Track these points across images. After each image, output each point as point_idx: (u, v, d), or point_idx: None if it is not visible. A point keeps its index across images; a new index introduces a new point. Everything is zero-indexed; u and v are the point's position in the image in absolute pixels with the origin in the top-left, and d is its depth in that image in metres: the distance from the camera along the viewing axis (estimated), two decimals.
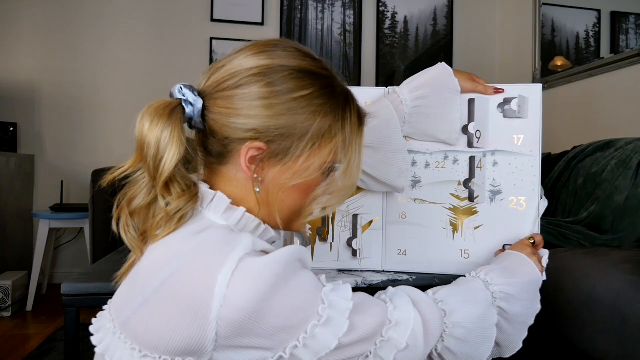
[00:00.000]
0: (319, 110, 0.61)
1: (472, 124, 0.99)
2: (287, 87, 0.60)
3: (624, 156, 1.73)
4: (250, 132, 0.60)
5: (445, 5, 3.32)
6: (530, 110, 0.97)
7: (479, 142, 0.99)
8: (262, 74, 0.60)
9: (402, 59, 3.27)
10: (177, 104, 0.60)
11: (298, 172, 0.62)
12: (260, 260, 0.54)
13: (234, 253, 0.54)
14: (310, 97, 0.61)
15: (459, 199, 1.01)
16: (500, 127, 0.99)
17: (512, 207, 0.98)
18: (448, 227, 1.02)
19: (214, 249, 0.55)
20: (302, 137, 0.60)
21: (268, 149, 0.60)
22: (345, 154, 0.63)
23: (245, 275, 0.53)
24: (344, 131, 0.63)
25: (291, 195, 0.64)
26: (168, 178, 0.58)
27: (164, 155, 0.57)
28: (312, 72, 0.63)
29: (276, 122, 0.59)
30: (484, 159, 1.00)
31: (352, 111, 0.65)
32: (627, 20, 2.39)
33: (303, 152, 0.61)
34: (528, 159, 0.98)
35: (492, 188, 1.00)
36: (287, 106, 0.60)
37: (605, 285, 1.24)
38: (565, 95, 2.63)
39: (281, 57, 0.62)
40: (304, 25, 3.18)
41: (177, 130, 0.58)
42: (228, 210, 0.62)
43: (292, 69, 0.61)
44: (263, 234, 0.66)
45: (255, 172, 0.61)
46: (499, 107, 0.99)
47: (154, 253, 0.58)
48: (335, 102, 0.63)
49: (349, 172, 0.64)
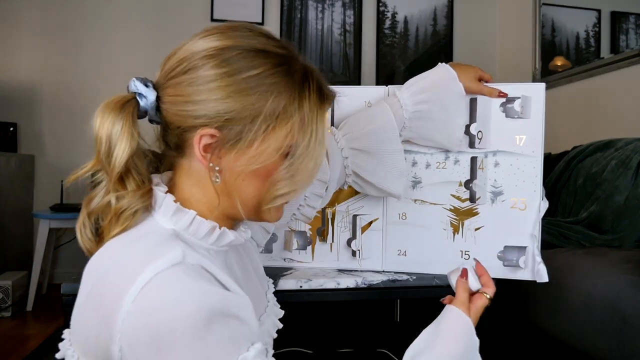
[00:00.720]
0: (270, 89, 0.57)
1: (474, 124, 0.99)
2: (235, 67, 0.57)
3: (624, 156, 1.73)
4: (200, 118, 0.56)
5: (445, 5, 3.31)
6: (533, 110, 0.97)
7: (480, 142, 0.99)
8: (208, 57, 0.57)
9: (402, 59, 3.27)
10: (130, 98, 0.59)
11: (253, 157, 0.57)
12: (178, 285, 0.49)
13: (152, 265, 0.50)
14: (260, 76, 0.57)
15: (459, 199, 1.01)
16: (502, 128, 0.98)
17: (513, 208, 0.98)
18: (448, 228, 1.01)
19: (137, 257, 0.52)
20: (254, 120, 0.56)
21: (221, 134, 0.57)
22: (304, 135, 0.59)
23: (155, 292, 0.49)
24: (302, 111, 0.58)
25: (251, 182, 0.59)
26: (122, 173, 0.57)
27: (114, 149, 0.56)
28: (263, 50, 0.58)
29: (226, 106, 0.56)
30: (485, 160, 0.99)
31: (311, 89, 0.60)
32: (627, 20, 2.39)
33: (257, 135, 0.57)
34: (530, 159, 0.97)
35: (493, 189, 0.99)
36: (235, 87, 0.56)
37: (605, 285, 1.24)
38: (565, 95, 2.63)
39: (231, 38, 0.58)
40: (304, 25, 3.17)
41: (127, 124, 0.56)
42: (177, 213, 0.58)
43: (242, 48, 0.58)
44: (219, 240, 0.61)
45: (211, 161, 0.58)
46: (502, 106, 0.98)
47: (94, 256, 0.56)
48: (290, 81, 0.58)
49: (308, 155, 0.59)
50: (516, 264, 0.98)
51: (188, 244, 0.57)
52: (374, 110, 0.96)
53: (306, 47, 3.16)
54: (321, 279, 0.99)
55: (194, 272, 0.52)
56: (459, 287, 0.72)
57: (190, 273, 0.51)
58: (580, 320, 1.28)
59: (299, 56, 0.62)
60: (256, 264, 0.77)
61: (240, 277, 0.66)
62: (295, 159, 0.59)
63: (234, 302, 0.53)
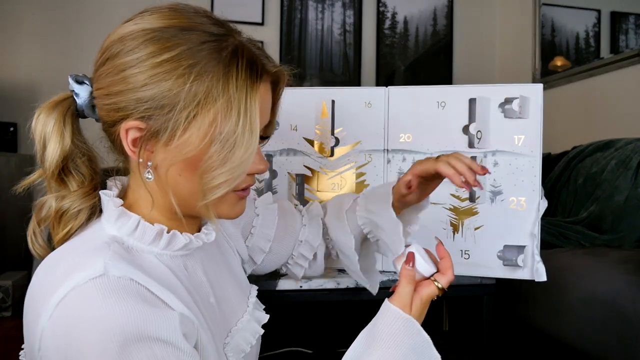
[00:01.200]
0: (188, 72, 0.51)
1: (473, 124, 0.99)
2: (148, 51, 0.51)
3: (624, 156, 1.73)
4: (121, 111, 0.52)
5: (445, 6, 3.31)
6: (531, 111, 0.97)
7: (479, 142, 0.99)
8: (122, 43, 0.52)
9: (402, 59, 3.27)
10: (65, 97, 0.56)
11: (178, 148, 0.52)
12: (92, 302, 0.46)
13: (71, 279, 0.47)
14: (176, 58, 0.51)
15: (459, 199, 1.01)
16: (501, 128, 0.99)
17: (512, 207, 0.99)
18: (448, 228, 1.02)
19: (63, 268, 0.49)
20: (173, 108, 0.51)
21: (147, 126, 0.52)
22: (230, 119, 0.52)
23: (70, 310, 0.46)
24: (227, 93, 0.51)
25: (184, 175, 0.54)
26: (60, 173, 0.55)
27: (47, 149, 0.54)
28: (182, 28, 0.52)
29: (142, 94, 0.51)
30: (484, 160, 1.00)
31: (239, 67, 0.52)
32: (627, 20, 2.39)
33: (178, 124, 0.51)
34: (528, 159, 0.98)
35: (492, 188, 1.00)
36: (149, 73, 0.51)
37: (605, 285, 1.24)
38: (565, 95, 2.63)
39: (146, 21, 0.53)
40: (304, 25, 3.18)
41: (57, 123, 0.54)
42: (121, 217, 0.54)
43: (156, 30, 0.52)
44: (171, 244, 0.57)
45: (141, 157, 0.53)
46: (500, 107, 0.99)
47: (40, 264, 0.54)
48: (214, 60, 0.52)
49: (237, 140, 0.52)
50: (515, 263, 0.98)
51: (133, 251, 0.54)
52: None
53: (306, 47, 3.16)
54: (321, 279, 0.99)
55: (117, 286, 0.47)
56: (402, 277, 0.61)
57: (111, 288, 0.47)
58: (580, 320, 1.28)
59: (237, 34, 0.56)
60: (233, 267, 0.74)
61: (204, 283, 0.62)
62: (223, 146, 0.52)
63: (160, 322, 0.48)
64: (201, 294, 0.60)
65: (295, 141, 1.07)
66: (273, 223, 0.81)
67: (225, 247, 0.75)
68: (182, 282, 0.57)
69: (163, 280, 0.53)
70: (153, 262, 0.55)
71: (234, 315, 0.68)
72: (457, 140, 1.01)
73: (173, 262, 0.58)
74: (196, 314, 0.55)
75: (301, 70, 3.15)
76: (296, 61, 3.15)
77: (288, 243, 0.83)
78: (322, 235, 0.86)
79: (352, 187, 1.06)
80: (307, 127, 1.06)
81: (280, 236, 0.82)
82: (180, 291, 0.55)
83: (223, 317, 0.65)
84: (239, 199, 0.60)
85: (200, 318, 0.56)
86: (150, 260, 0.55)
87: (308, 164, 1.07)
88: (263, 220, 0.81)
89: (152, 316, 0.47)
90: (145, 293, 0.49)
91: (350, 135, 1.06)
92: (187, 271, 0.59)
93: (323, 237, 0.86)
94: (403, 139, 1.03)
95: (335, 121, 1.05)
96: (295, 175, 1.07)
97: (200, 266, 0.63)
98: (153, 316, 0.47)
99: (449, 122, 1.01)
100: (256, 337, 0.70)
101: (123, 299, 0.47)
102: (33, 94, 2.95)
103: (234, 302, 0.69)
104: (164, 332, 0.47)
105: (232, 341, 0.64)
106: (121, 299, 0.46)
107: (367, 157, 1.05)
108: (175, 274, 0.56)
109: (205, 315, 0.58)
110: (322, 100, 1.06)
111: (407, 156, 1.03)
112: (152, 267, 0.54)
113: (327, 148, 1.06)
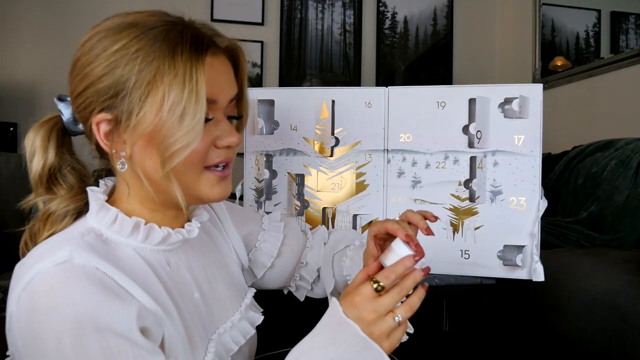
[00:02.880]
0: (135, 56, 0.55)
1: (472, 124, 0.99)
2: (102, 45, 0.56)
3: (624, 156, 1.73)
4: (88, 107, 0.57)
5: (445, 5, 3.31)
6: (531, 111, 0.97)
7: (479, 142, 1.00)
8: (82, 47, 0.58)
9: (402, 59, 3.27)
10: (53, 117, 0.63)
11: (137, 126, 0.55)
12: (55, 287, 0.48)
13: (38, 264, 0.50)
14: (125, 47, 0.55)
15: (459, 199, 1.01)
16: (501, 128, 0.99)
17: (512, 207, 0.99)
18: (448, 228, 1.02)
19: (35, 255, 0.52)
20: (128, 92, 0.55)
21: (113, 116, 0.56)
22: (178, 88, 0.54)
23: (33, 294, 0.48)
24: (175, 68, 0.54)
25: (147, 152, 0.56)
26: (45, 181, 0.61)
27: (32, 162, 0.61)
28: (131, 23, 0.57)
29: (101, 86, 0.55)
30: (484, 159, 1.00)
31: (184, 42, 0.56)
32: (627, 20, 2.39)
33: (134, 104, 0.54)
34: (528, 159, 0.98)
35: (492, 188, 1.00)
36: (104, 64, 0.55)
37: (605, 285, 1.24)
38: (565, 95, 2.63)
39: (101, 25, 0.59)
40: (304, 25, 3.18)
41: (42, 140, 0.61)
42: (101, 210, 0.58)
43: (109, 28, 0.57)
44: (150, 238, 0.59)
45: (113, 148, 0.57)
46: (500, 107, 0.99)
47: None
48: (160, 41, 0.56)
49: (187, 106, 0.54)
50: (515, 263, 0.98)
51: (112, 244, 0.57)
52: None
53: (306, 47, 3.17)
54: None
55: (79, 272, 0.49)
56: (359, 274, 0.61)
57: (73, 274, 0.49)
58: (580, 320, 1.28)
59: (189, 22, 0.61)
60: (230, 267, 0.75)
61: (187, 279, 0.63)
62: (173, 115, 0.54)
63: (116, 312, 0.49)
64: (182, 290, 0.61)
65: (295, 141, 1.07)
66: (278, 240, 0.83)
67: (223, 247, 0.76)
68: (160, 276, 0.58)
69: (134, 272, 0.55)
70: (129, 254, 0.57)
71: (223, 313, 0.68)
72: (457, 140, 1.01)
73: (153, 256, 0.59)
74: (168, 308, 0.56)
75: (301, 70, 3.15)
76: (296, 61, 3.16)
77: (290, 262, 0.85)
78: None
79: (352, 187, 1.06)
80: (307, 127, 1.06)
81: (284, 254, 0.84)
82: (152, 284, 0.56)
83: (210, 314, 0.65)
84: (217, 179, 0.60)
85: (172, 312, 0.57)
86: (127, 252, 0.57)
87: (308, 164, 1.07)
88: (268, 236, 0.83)
89: (109, 306, 0.49)
90: (108, 282, 0.50)
91: (350, 135, 1.06)
92: (169, 266, 0.61)
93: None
94: (403, 139, 1.03)
95: (335, 121, 1.05)
96: (295, 175, 1.07)
97: (185, 262, 0.64)
98: (110, 306, 0.49)
99: (449, 122, 1.01)
100: (246, 337, 0.70)
101: (84, 285, 0.48)
102: (33, 94, 2.95)
103: (225, 300, 0.69)
104: (118, 324, 0.49)
105: (219, 338, 0.65)
106: (82, 286, 0.48)
107: (367, 157, 1.05)
108: (153, 268, 0.58)
109: (183, 310, 0.59)
110: (322, 100, 1.06)
111: (407, 156, 1.03)
112: (126, 258, 0.56)
113: (327, 148, 1.06)
